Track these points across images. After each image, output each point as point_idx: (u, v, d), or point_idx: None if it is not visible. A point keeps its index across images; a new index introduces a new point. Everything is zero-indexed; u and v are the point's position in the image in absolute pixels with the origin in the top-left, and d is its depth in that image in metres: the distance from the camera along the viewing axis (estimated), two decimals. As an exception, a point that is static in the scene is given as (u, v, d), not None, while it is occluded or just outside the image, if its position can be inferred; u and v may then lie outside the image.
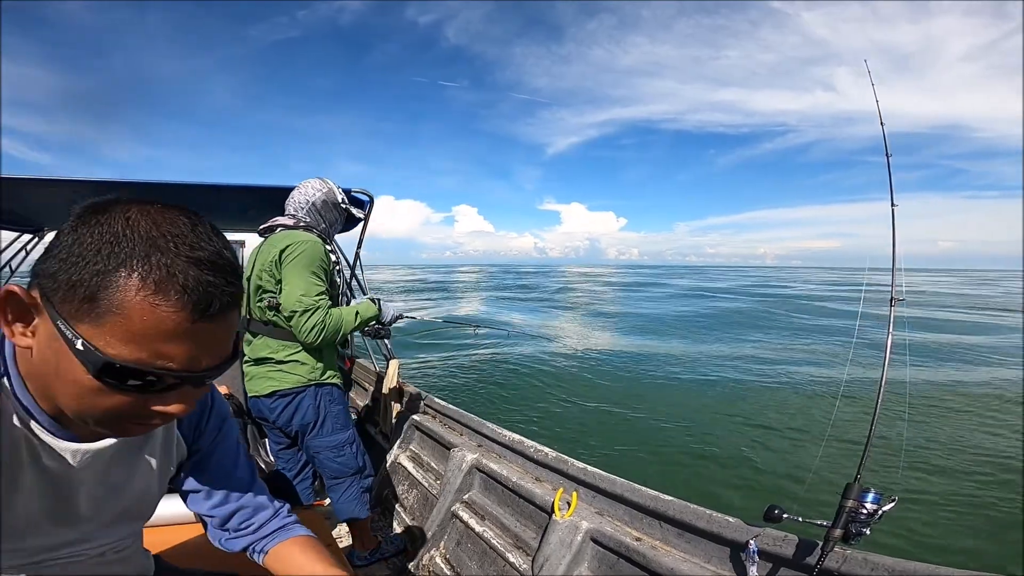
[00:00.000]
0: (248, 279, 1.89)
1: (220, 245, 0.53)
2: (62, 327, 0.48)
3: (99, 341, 0.48)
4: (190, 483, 0.83)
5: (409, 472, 2.45)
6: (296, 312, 1.73)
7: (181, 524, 1.37)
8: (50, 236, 0.55)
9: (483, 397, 7.67)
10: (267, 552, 0.85)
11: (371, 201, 2.59)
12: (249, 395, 1.94)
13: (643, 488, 1.51)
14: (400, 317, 2.26)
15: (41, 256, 0.51)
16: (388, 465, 2.57)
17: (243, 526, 0.86)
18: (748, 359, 10.96)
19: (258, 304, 1.84)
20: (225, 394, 2.76)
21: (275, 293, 1.81)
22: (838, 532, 0.93)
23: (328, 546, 1.42)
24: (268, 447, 2.50)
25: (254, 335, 1.90)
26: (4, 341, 0.57)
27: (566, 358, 10.17)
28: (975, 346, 12.30)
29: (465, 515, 2.00)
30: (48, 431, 0.59)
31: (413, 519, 2.30)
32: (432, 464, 2.41)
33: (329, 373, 1.93)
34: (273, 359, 1.85)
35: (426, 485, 2.31)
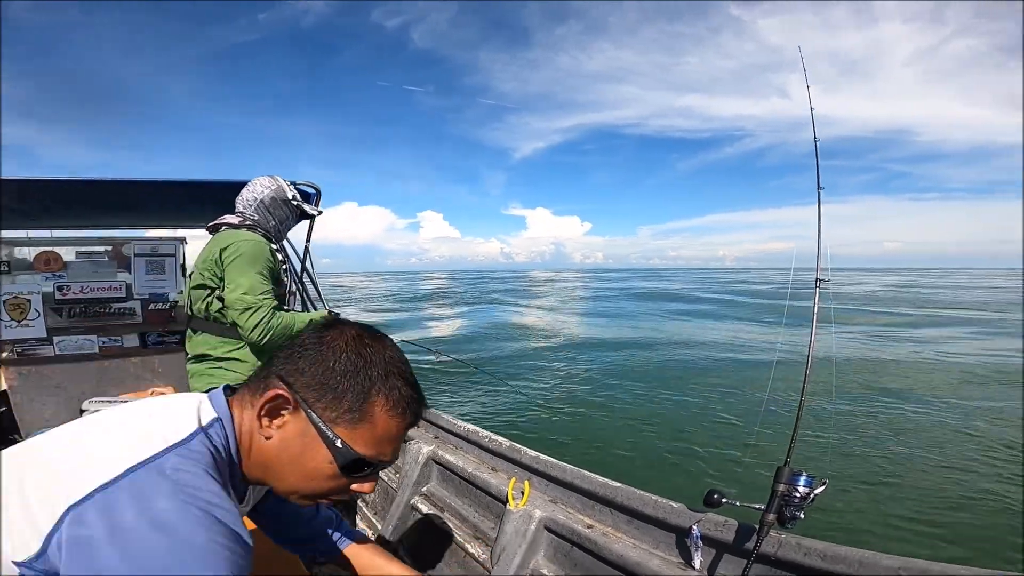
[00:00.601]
0: (190, 276, 1.85)
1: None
2: (323, 428, 0.63)
3: (351, 441, 0.63)
4: (274, 512, 0.98)
5: None
6: (237, 310, 1.69)
7: None
8: None
9: (439, 388, 7.71)
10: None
11: (318, 193, 2.51)
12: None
13: (593, 475, 1.50)
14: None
15: (292, 366, 0.65)
16: (346, 460, 2.51)
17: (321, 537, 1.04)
18: (692, 345, 11.39)
19: (205, 300, 1.79)
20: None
21: (216, 289, 1.77)
22: (772, 516, 0.92)
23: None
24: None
25: (195, 332, 1.85)
26: (225, 423, 0.66)
27: (522, 351, 10.32)
28: (909, 338, 12.97)
29: (424, 507, 1.97)
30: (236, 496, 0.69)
31: (375, 514, 2.26)
32: (390, 457, 2.36)
33: None
34: (211, 356, 1.80)
35: (385, 479, 2.26)
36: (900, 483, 4.18)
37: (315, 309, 3.00)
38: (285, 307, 1.95)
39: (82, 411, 2.54)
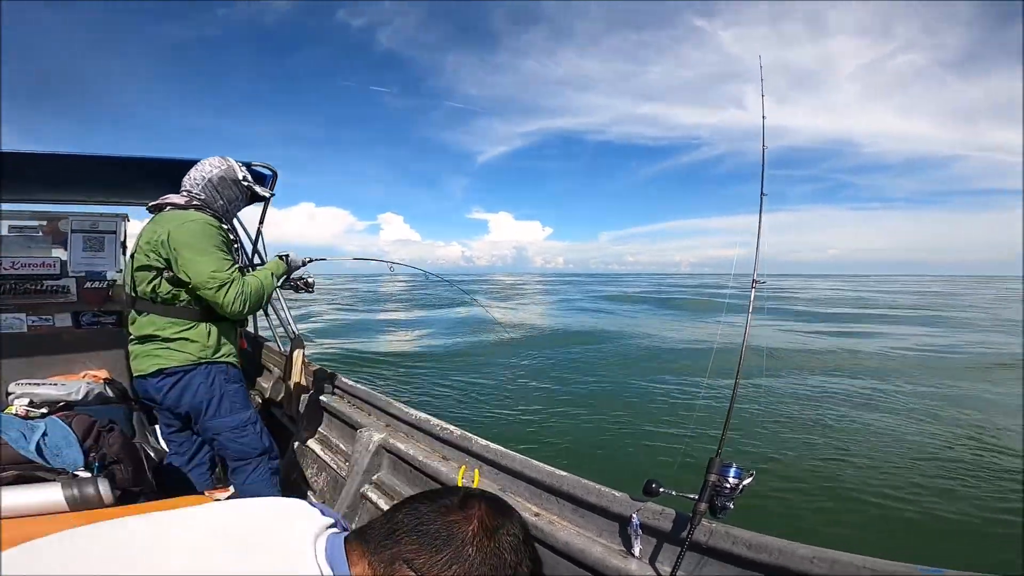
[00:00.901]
0: (133, 256, 1.80)
1: None
2: None
3: None
4: None
5: (317, 455, 2.35)
6: (212, 289, 1.68)
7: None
8: None
9: (391, 377, 7.73)
10: None
11: (274, 176, 2.44)
12: (134, 374, 1.84)
13: (541, 464, 1.51)
14: (310, 260, 2.21)
15: (427, 559, 0.61)
16: (295, 448, 2.46)
17: None
18: (643, 338, 11.83)
19: (151, 283, 1.74)
20: (106, 379, 2.51)
21: (163, 271, 1.73)
22: (703, 506, 0.95)
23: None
24: (159, 433, 2.31)
25: (140, 313, 1.80)
26: None
27: (473, 342, 10.45)
28: (844, 333, 13.92)
29: (374, 496, 1.94)
30: None
31: (324, 502, 2.22)
32: (340, 445, 2.32)
33: (223, 352, 1.85)
34: (159, 336, 1.75)
35: (335, 467, 2.23)
36: (833, 472, 4.40)
37: None
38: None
39: (8, 394, 2.37)
